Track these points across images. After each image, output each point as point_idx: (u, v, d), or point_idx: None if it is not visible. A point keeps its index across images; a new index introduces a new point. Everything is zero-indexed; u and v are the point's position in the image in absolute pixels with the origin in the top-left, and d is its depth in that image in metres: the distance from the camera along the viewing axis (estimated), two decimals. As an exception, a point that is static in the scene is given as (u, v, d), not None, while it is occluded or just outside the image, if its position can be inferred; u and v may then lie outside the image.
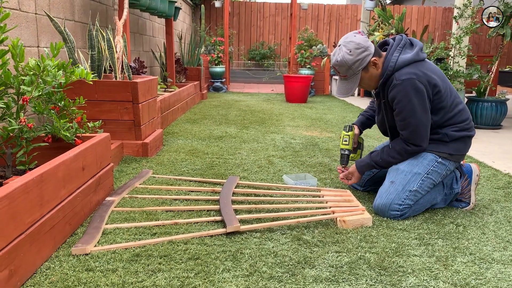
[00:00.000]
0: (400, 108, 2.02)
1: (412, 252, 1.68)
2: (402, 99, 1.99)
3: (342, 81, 2.13)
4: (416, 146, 2.07)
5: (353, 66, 2.03)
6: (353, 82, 2.09)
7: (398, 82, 1.99)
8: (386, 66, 2.05)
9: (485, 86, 4.84)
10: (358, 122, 2.46)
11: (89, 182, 1.89)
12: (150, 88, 3.12)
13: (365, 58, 2.03)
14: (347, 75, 2.08)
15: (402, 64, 2.02)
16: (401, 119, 2.04)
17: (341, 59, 2.03)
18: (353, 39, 2.03)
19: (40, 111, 1.83)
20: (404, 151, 2.09)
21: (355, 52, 2.01)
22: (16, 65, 1.74)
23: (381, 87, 2.10)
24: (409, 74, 1.99)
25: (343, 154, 2.37)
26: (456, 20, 4.96)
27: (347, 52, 2.02)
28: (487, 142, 3.96)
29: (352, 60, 2.02)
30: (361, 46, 2.02)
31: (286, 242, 1.72)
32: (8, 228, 1.27)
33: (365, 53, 2.02)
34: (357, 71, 2.05)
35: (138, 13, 5.36)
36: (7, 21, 2.40)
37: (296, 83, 6.56)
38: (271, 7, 11.76)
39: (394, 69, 2.03)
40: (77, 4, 3.52)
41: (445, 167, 2.09)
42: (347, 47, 2.02)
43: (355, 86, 2.09)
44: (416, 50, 2.05)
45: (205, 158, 2.98)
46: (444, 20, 11.80)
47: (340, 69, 2.07)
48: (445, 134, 2.07)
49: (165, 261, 1.53)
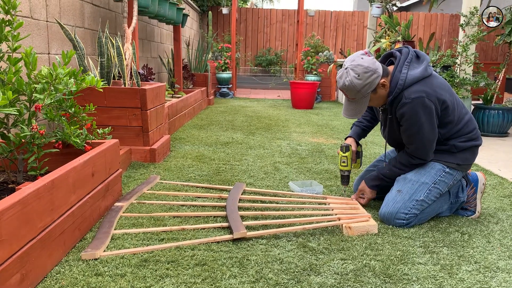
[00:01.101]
0: (408, 126, 2.02)
1: (417, 260, 1.69)
2: (410, 117, 1.99)
3: (350, 103, 2.08)
4: (420, 159, 2.09)
5: (362, 90, 2.00)
6: (362, 104, 2.06)
7: (408, 100, 1.97)
8: (394, 83, 2.02)
9: (492, 93, 4.83)
10: (355, 135, 2.42)
11: (98, 187, 1.92)
12: (158, 94, 3.16)
13: (374, 81, 1.99)
14: (356, 98, 2.04)
15: (411, 82, 1.99)
16: (408, 135, 2.05)
17: (349, 83, 1.99)
18: (360, 62, 1.98)
19: (52, 118, 1.87)
20: (410, 164, 2.12)
21: (364, 76, 1.97)
22: (29, 72, 1.78)
23: (389, 104, 2.08)
24: (418, 92, 1.97)
25: (343, 175, 2.37)
26: (463, 27, 4.97)
27: (355, 77, 1.97)
28: (493, 150, 3.96)
29: (361, 85, 1.98)
30: (369, 70, 1.97)
31: (291, 249, 1.73)
32: (21, 232, 1.30)
33: (373, 76, 1.98)
34: (366, 94, 2.02)
35: (146, 20, 5.42)
36: (20, 30, 2.45)
37: (303, 89, 6.59)
38: (278, 14, 11.82)
39: (404, 87, 2.00)
40: (87, 11, 3.57)
41: (453, 177, 2.09)
42: (355, 71, 1.97)
43: (364, 108, 2.07)
44: (424, 66, 2.03)
45: (211, 164, 3.00)
46: (451, 27, 11.79)
47: (348, 93, 2.03)
48: (453, 146, 2.08)
49: (173, 266, 1.55)
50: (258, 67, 11.86)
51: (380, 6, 7.55)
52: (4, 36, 1.75)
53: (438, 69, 4.95)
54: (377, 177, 2.21)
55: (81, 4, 3.45)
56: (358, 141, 2.42)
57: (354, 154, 2.37)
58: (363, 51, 2.03)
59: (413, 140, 2.05)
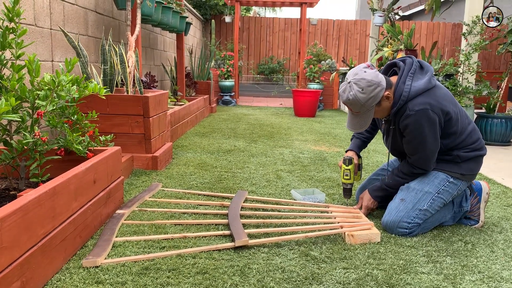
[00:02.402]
0: (411, 137, 2.01)
1: (420, 269, 1.67)
2: (414, 129, 1.98)
3: (355, 116, 2.06)
4: (422, 169, 2.09)
5: (366, 104, 1.97)
6: (366, 117, 2.03)
7: (412, 113, 1.95)
8: (399, 94, 2.00)
9: (495, 102, 4.83)
10: (355, 147, 2.40)
11: (100, 195, 1.92)
12: (161, 102, 3.17)
13: (378, 94, 1.96)
14: (360, 111, 2.02)
15: (415, 93, 1.97)
16: (411, 147, 2.05)
17: (353, 98, 1.96)
18: (363, 75, 1.95)
19: (54, 124, 1.87)
20: (411, 173, 2.11)
21: (368, 90, 1.94)
22: (32, 80, 1.78)
23: (393, 115, 2.06)
24: (422, 104, 1.95)
25: (345, 188, 2.36)
26: (465, 36, 4.97)
27: (359, 91, 1.94)
28: (496, 159, 3.94)
29: (365, 99, 1.95)
30: (373, 83, 1.94)
31: (293, 258, 1.72)
32: (21, 239, 1.30)
33: (377, 89, 1.95)
34: (371, 108, 2.00)
35: (149, 28, 5.45)
36: (24, 37, 2.47)
37: (305, 98, 6.60)
38: (281, 22, 11.87)
39: (408, 99, 1.98)
40: (90, 19, 3.59)
41: (457, 187, 2.08)
42: (358, 85, 1.94)
43: (369, 121, 2.04)
44: (428, 77, 2.01)
45: (213, 172, 3.00)
46: (453, 35, 11.82)
47: (352, 107, 2.00)
48: (457, 156, 2.07)
49: (174, 274, 1.54)
50: (260, 75, 11.89)
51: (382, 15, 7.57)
52: (8, 43, 1.76)
53: (440, 77, 4.95)
54: (380, 188, 2.20)
55: (84, 12, 3.47)
56: (359, 153, 2.42)
57: (356, 167, 2.35)
58: (366, 64, 2.01)
59: (416, 151, 2.04)
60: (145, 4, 3.65)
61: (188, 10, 8.25)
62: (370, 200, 2.22)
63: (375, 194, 2.21)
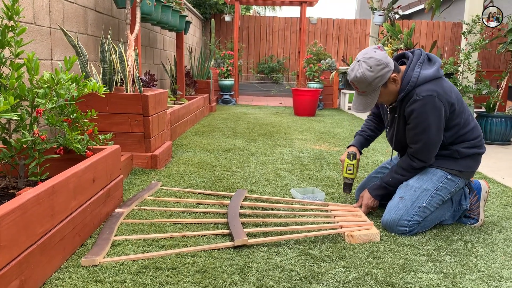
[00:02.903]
0: (416, 123, 2.01)
1: (420, 268, 1.67)
2: (419, 115, 1.98)
3: (360, 96, 2.08)
4: (421, 162, 2.08)
5: (373, 83, 1.99)
6: (371, 98, 2.05)
7: (419, 98, 1.97)
8: (407, 81, 2.02)
9: (495, 101, 4.83)
10: (358, 144, 2.41)
11: (99, 193, 1.92)
12: (160, 101, 3.16)
13: (385, 75, 1.99)
14: (366, 91, 2.03)
15: (424, 80, 2.00)
16: (414, 134, 2.04)
17: (361, 75, 1.98)
18: (373, 55, 1.98)
19: (53, 123, 1.87)
20: (411, 167, 2.11)
21: (376, 69, 1.97)
22: (31, 78, 1.78)
23: (399, 102, 2.08)
24: (430, 91, 1.97)
25: (347, 183, 2.36)
26: (465, 36, 4.97)
27: (367, 69, 1.97)
28: (496, 158, 3.94)
29: (373, 77, 1.98)
30: (381, 63, 1.97)
31: (293, 257, 1.72)
32: (20, 238, 1.29)
33: (385, 70, 1.98)
34: (377, 88, 2.02)
35: (149, 27, 5.44)
36: (23, 35, 2.46)
37: (305, 97, 6.59)
38: (281, 22, 11.87)
39: (416, 85, 2.00)
40: (90, 18, 3.59)
41: (455, 183, 2.08)
42: (367, 63, 1.97)
43: (373, 102, 2.05)
44: (436, 67, 2.03)
45: (213, 171, 3.00)
46: (453, 35, 11.82)
47: (359, 85, 2.02)
48: (456, 151, 2.07)
49: (173, 273, 1.54)
50: (260, 74, 11.88)
51: (382, 14, 7.57)
52: (7, 42, 1.76)
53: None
54: (380, 186, 2.19)
55: (84, 11, 3.47)
56: (361, 150, 2.42)
57: (358, 163, 2.37)
58: (376, 46, 2.04)
59: (418, 139, 2.03)
60: (144, 3, 3.64)
61: (188, 9, 8.25)
62: (370, 199, 2.21)
63: (375, 193, 2.21)
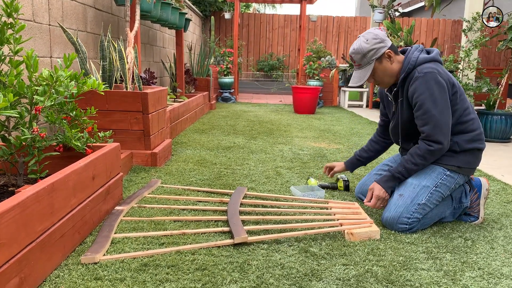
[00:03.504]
0: (422, 101, 2.00)
1: (420, 266, 1.67)
2: (424, 91, 1.99)
3: (356, 70, 2.16)
4: (438, 144, 1.99)
5: (367, 55, 2.07)
6: (366, 70, 2.11)
7: (420, 75, 2.00)
8: (407, 62, 2.09)
9: (495, 99, 4.82)
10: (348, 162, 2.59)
11: (99, 191, 1.91)
12: (160, 98, 3.16)
13: (380, 49, 2.07)
14: (361, 63, 2.11)
15: (423, 60, 2.06)
16: (423, 113, 2.00)
17: (357, 47, 2.09)
18: (372, 31, 2.10)
19: (53, 120, 1.86)
20: (427, 152, 2.02)
21: (371, 42, 2.06)
22: (30, 75, 1.77)
23: (401, 83, 2.11)
24: (431, 68, 2.01)
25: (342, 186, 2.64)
26: (465, 33, 4.96)
27: (364, 41, 2.07)
28: (496, 156, 3.94)
29: (367, 49, 2.06)
30: (378, 38, 2.07)
31: (293, 254, 1.72)
32: (20, 236, 1.29)
33: (380, 44, 2.07)
34: (371, 61, 2.09)
35: (149, 24, 5.43)
36: (22, 33, 2.45)
37: (305, 94, 6.59)
38: (280, 19, 11.84)
39: (416, 64, 2.06)
40: (89, 15, 3.58)
41: (454, 180, 2.08)
42: (365, 37, 2.09)
43: (367, 74, 2.11)
44: (435, 52, 2.10)
45: (213, 168, 2.99)
46: (453, 32, 11.80)
47: (355, 57, 2.11)
48: (456, 143, 2.06)
49: (173, 271, 1.53)
50: (260, 72, 11.87)
51: (382, 11, 7.56)
52: (6, 39, 1.75)
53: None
54: (393, 177, 2.10)
55: (83, 8, 3.46)
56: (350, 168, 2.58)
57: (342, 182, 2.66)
58: (379, 27, 2.12)
59: (429, 118, 1.99)
60: (144, 0, 3.63)
61: (188, 7, 8.23)
62: (381, 190, 2.10)
63: (386, 184, 2.10)
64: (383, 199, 2.10)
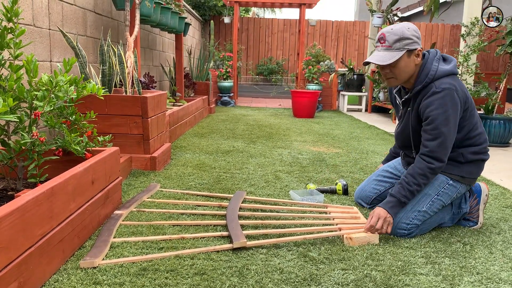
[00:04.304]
0: (435, 116, 1.96)
1: (419, 270, 1.67)
2: (438, 107, 1.95)
3: (382, 51, 2.02)
4: (439, 162, 1.97)
5: (403, 41, 1.97)
6: (393, 54, 1.99)
7: (438, 90, 1.96)
8: (425, 73, 2.02)
9: (493, 103, 4.83)
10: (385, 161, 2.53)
11: (98, 195, 1.92)
12: (159, 102, 3.16)
13: (415, 43, 1.99)
14: (392, 46, 1.99)
15: (442, 73, 2.00)
16: (433, 128, 1.96)
17: (398, 29, 1.98)
18: (412, 26, 2.03)
19: (52, 125, 1.87)
20: (429, 170, 1.97)
21: (412, 32, 1.99)
22: (30, 80, 1.78)
23: (415, 94, 2.06)
24: (449, 84, 1.96)
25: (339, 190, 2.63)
26: (464, 38, 4.98)
27: (406, 27, 1.99)
28: (495, 160, 3.95)
29: (407, 35, 1.97)
30: (418, 33, 2.01)
31: (292, 259, 1.72)
32: (19, 240, 1.29)
33: (418, 40, 2.01)
34: (403, 48, 1.98)
35: (148, 29, 5.45)
36: (22, 37, 2.46)
37: (304, 98, 6.60)
38: (280, 23, 11.88)
39: (434, 78, 2.00)
40: (89, 19, 3.59)
41: (456, 189, 2.07)
42: (408, 25, 2.01)
43: (393, 59, 1.98)
44: (453, 64, 2.05)
45: (212, 173, 3.00)
46: (452, 37, 11.84)
47: (389, 36, 1.98)
48: (461, 154, 2.05)
49: (172, 275, 1.54)
50: (259, 76, 11.89)
51: (381, 16, 7.58)
52: (6, 44, 1.76)
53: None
54: (399, 202, 1.99)
55: (83, 13, 3.47)
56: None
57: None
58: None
59: (438, 134, 1.95)
60: (144, 5, 3.64)
61: (187, 11, 8.25)
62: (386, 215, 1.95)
63: (393, 211, 1.97)
64: (388, 223, 1.96)
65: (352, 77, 8.04)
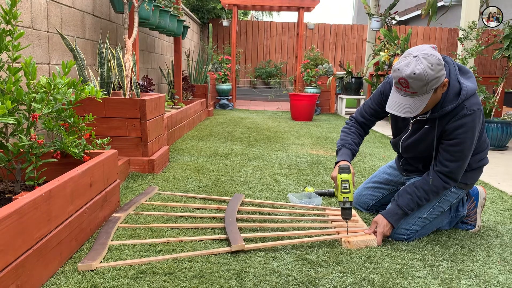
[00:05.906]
0: (463, 140, 1.86)
1: (417, 273, 1.67)
2: (468, 130, 1.85)
3: (407, 98, 1.80)
4: (454, 182, 1.96)
5: (430, 84, 1.74)
6: (421, 101, 1.79)
7: (470, 112, 1.83)
8: (455, 92, 1.85)
9: (491, 107, 4.85)
10: (348, 158, 2.06)
11: (96, 198, 1.91)
12: (158, 105, 3.16)
13: (441, 77, 1.77)
14: (418, 92, 1.76)
15: (471, 92, 1.86)
16: (458, 151, 1.88)
17: (421, 72, 1.71)
18: (433, 52, 1.75)
19: (50, 127, 1.86)
20: (442, 188, 1.96)
21: (437, 68, 1.73)
22: (28, 82, 1.78)
23: (442, 114, 1.88)
24: (477, 105, 1.86)
25: (344, 208, 1.91)
26: (461, 41, 5.00)
27: (429, 66, 1.72)
28: (492, 164, 3.95)
29: (432, 76, 1.73)
30: (441, 63, 1.76)
31: (290, 262, 1.72)
32: (17, 243, 1.29)
33: (443, 72, 1.77)
34: (430, 90, 1.77)
35: (147, 31, 5.45)
36: (21, 39, 2.46)
37: (302, 102, 6.61)
38: (278, 27, 11.90)
39: (466, 97, 1.84)
40: (88, 22, 3.59)
41: (457, 195, 2.08)
42: (428, 60, 1.72)
43: (422, 106, 1.80)
44: (473, 78, 1.92)
45: (210, 175, 2.99)
46: (449, 41, 11.88)
47: (414, 83, 1.73)
48: (469, 164, 2.02)
49: (170, 278, 1.53)
50: (258, 79, 11.90)
51: (379, 19, 7.61)
52: (4, 46, 1.76)
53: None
54: (404, 214, 1.97)
55: (82, 15, 3.47)
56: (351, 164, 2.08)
57: (354, 177, 1.99)
58: (431, 45, 1.81)
59: (460, 157, 1.89)
60: (142, 8, 3.65)
61: (186, 14, 8.26)
62: (387, 226, 1.96)
63: (397, 223, 1.97)
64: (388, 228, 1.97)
65: (350, 80, 8.06)
